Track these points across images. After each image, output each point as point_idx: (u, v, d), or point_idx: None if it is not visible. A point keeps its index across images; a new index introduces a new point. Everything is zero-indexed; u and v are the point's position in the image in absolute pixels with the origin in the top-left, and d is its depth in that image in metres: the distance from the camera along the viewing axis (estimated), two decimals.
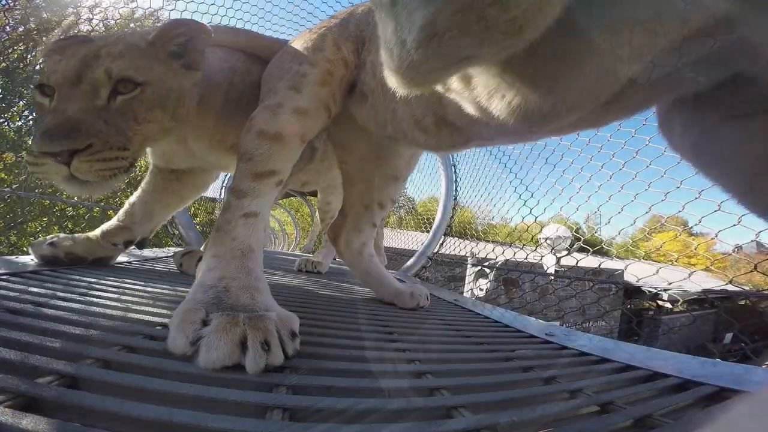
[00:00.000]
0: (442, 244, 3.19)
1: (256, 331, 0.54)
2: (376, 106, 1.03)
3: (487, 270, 4.17)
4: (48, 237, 1.08)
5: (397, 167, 1.37)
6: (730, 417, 0.28)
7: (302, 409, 0.44)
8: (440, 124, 0.87)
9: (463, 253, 3.33)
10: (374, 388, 0.52)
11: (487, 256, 3.15)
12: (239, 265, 0.72)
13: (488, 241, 3.19)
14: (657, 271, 1.63)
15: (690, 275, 1.54)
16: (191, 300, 0.63)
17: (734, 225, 1.37)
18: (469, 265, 3.83)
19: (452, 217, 3.27)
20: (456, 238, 3.28)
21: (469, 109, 0.71)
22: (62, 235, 1.10)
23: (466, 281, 4.55)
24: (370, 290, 1.40)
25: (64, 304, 0.69)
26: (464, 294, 4.05)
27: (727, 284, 1.55)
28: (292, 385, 0.49)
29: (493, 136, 0.85)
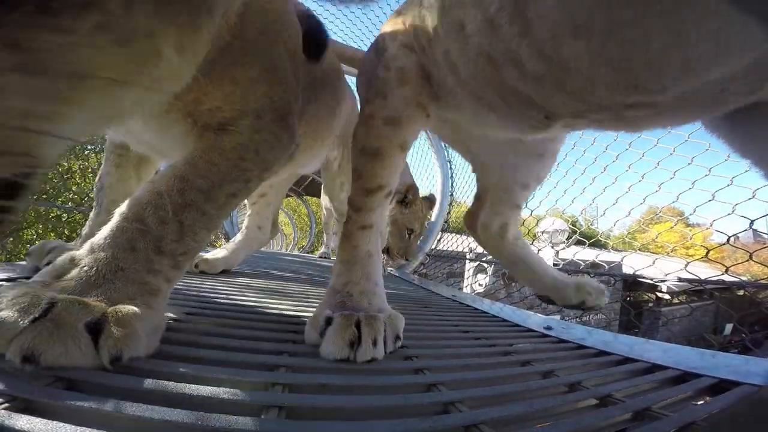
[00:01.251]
0: (439, 240, 3.19)
1: (369, 328, 0.64)
2: (441, 85, 0.92)
3: (486, 265, 4.17)
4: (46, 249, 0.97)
5: (540, 143, 1.12)
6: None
7: (298, 407, 0.43)
8: (507, 97, 0.73)
9: (461, 248, 3.33)
10: (370, 385, 0.52)
11: (485, 251, 3.15)
12: (360, 271, 0.83)
13: None
14: (653, 262, 1.63)
15: (686, 266, 1.54)
16: (324, 303, 0.77)
17: (728, 214, 1.37)
18: (467, 261, 3.82)
19: (449, 213, 3.27)
20: (454, 234, 3.27)
21: (536, 64, 0.59)
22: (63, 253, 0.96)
23: (465, 277, 4.55)
24: (520, 281, 1.20)
25: None
26: (463, 289, 4.05)
27: (722, 274, 1.54)
28: (288, 383, 0.49)
29: (579, 111, 0.67)
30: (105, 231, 0.59)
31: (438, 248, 3.19)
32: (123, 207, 0.62)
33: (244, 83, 0.75)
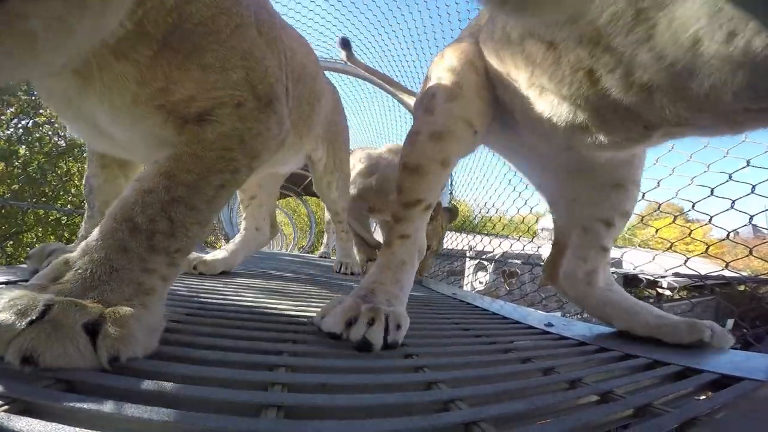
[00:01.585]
0: None
1: (368, 312, 0.70)
2: (519, 108, 0.88)
3: (486, 263, 4.17)
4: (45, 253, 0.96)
5: (614, 171, 1.00)
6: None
7: (297, 407, 0.43)
8: (602, 112, 0.70)
9: (460, 246, 3.33)
10: (370, 383, 0.52)
11: (484, 249, 3.15)
12: (391, 275, 0.90)
13: (486, 234, 3.19)
14: (653, 258, 1.63)
15: (686, 261, 1.54)
16: (351, 295, 0.82)
17: (727, 209, 1.37)
18: (467, 259, 3.83)
19: None
20: (453, 232, 3.27)
21: (655, 73, 0.56)
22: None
23: (466, 274, 4.55)
24: (609, 325, 1.00)
25: None
26: (464, 287, 4.05)
27: (722, 270, 1.54)
28: (287, 383, 0.49)
29: (688, 119, 0.61)
30: (96, 232, 0.59)
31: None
32: (112, 207, 0.62)
33: (216, 69, 0.71)
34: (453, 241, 3.31)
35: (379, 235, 2.98)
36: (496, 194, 2.96)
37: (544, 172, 1.11)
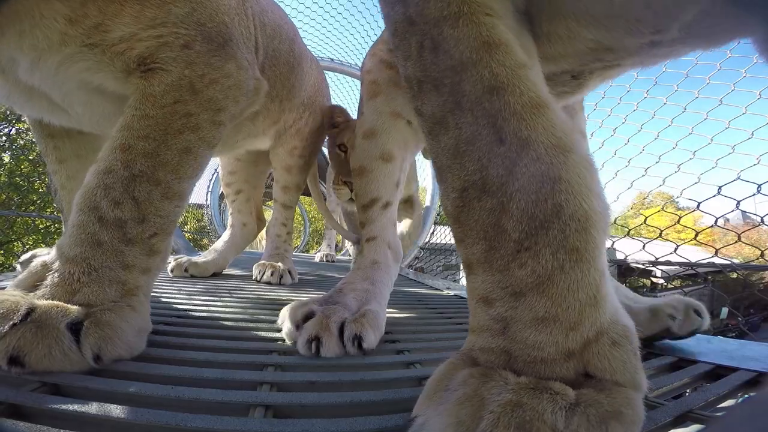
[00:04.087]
0: (432, 233, 3.17)
1: (313, 327, 0.62)
2: None
3: None
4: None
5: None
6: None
7: (285, 406, 0.43)
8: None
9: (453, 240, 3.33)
10: (360, 381, 0.51)
11: None
12: (362, 274, 0.90)
13: None
14: (643, 247, 1.63)
15: (675, 249, 1.54)
16: (317, 299, 0.76)
17: (714, 195, 1.38)
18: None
19: (440, 205, 3.26)
20: (448, 227, 3.27)
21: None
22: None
23: (461, 268, 4.55)
24: None
25: None
26: (460, 281, 4.05)
27: (712, 257, 1.55)
28: (276, 382, 0.48)
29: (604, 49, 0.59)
30: (68, 229, 0.57)
31: (431, 241, 3.17)
32: (77, 197, 0.58)
33: (153, 3, 0.61)
34: (446, 235, 3.31)
35: None
36: None
37: None
